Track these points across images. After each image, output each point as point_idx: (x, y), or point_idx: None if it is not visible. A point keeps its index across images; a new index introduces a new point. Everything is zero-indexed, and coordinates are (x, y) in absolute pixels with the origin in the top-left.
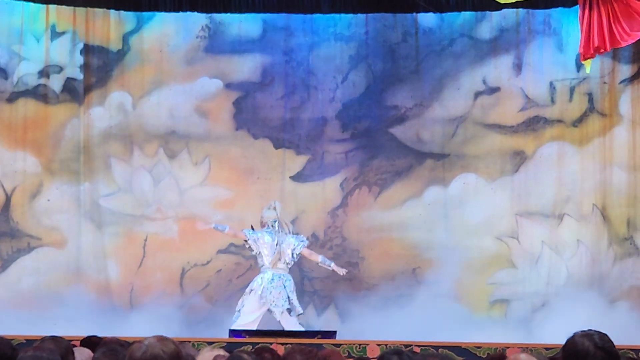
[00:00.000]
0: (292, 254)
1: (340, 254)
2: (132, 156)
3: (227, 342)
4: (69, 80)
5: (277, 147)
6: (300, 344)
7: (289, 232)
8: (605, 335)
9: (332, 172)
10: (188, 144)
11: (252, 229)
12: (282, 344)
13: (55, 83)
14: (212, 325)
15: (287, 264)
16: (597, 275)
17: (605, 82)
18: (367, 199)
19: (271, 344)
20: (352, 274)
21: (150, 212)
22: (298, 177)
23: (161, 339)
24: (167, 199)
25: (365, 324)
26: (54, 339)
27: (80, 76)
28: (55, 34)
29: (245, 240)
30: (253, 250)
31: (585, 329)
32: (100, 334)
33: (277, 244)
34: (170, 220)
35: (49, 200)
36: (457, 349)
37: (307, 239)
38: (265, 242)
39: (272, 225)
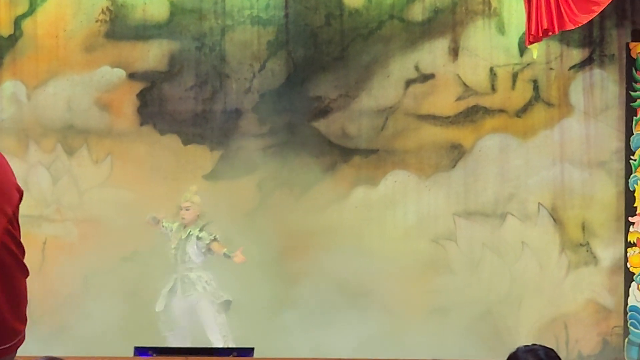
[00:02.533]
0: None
1: None
2: (28, 152)
3: None
4: None
5: (186, 143)
6: None
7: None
8: (552, 350)
9: (248, 170)
10: (87, 139)
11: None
12: None
13: None
14: (118, 342)
15: None
16: (547, 283)
17: (552, 68)
18: (288, 201)
19: None
20: None
21: (49, 212)
22: (210, 176)
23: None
24: (66, 199)
25: (287, 340)
26: None
27: None
28: None
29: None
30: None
31: (530, 344)
32: None
33: None
34: (69, 223)
35: None
36: None
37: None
38: None
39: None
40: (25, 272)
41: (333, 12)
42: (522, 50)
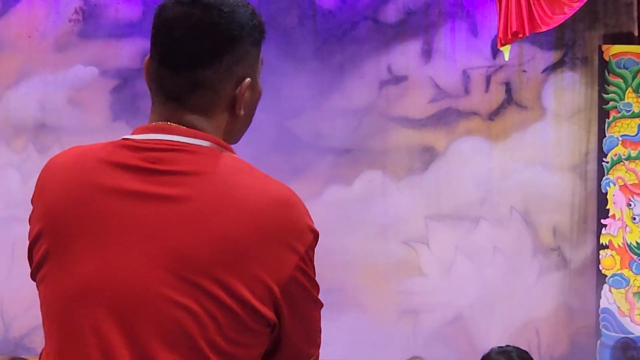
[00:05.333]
0: None
1: None
2: None
3: None
4: None
5: None
6: None
7: None
8: (525, 352)
9: None
10: (60, 137)
11: None
12: None
13: None
14: None
15: None
16: (518, 288)
17: (524, 71)
18: None
19: None
20: None
21: (19, 213)
22: None
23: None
24: None
25: None
26: None
27: None
28: None
29: None
30: None
31: (503, 344)
32: None
33: None
34: None
35: None
36: None
37: None
38: None
39: None
40: (320, 305)
41: (306, 12)
42: (495, 52)
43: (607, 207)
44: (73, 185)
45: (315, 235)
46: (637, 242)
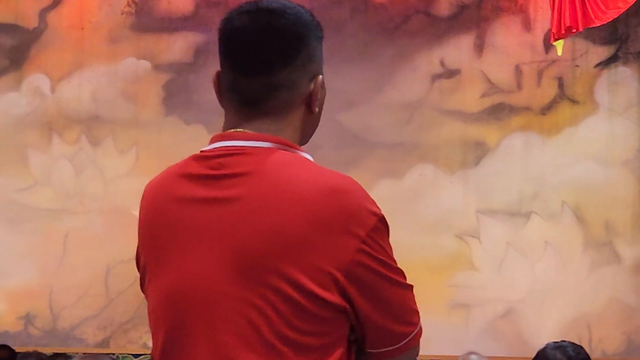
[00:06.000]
0: None
1: None
2: (51, 145)
3: None
4: None
5: (211, 133)
6: None
7: None
8: (580, 347)
9: None
10: (113, 130)
11: None
12: None
13: None
14: (139, 328)
15: None
16: (570, 283)
17: (577, 66)
18: None
19: None
20: None
21: (71, 205)
22: None
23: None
24: (90, 190)
25: None
26: None
27: None
28: None
29: None
30: None
31: (558, 340)
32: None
33: None
34: (93, 214)
35: None
36: None
37: None
38: None
39: None
40: (403, 285)
41: (358, 6)
42: (548, 47)
43: None
44: (157, 201)
45: (380, 218)
46: None
